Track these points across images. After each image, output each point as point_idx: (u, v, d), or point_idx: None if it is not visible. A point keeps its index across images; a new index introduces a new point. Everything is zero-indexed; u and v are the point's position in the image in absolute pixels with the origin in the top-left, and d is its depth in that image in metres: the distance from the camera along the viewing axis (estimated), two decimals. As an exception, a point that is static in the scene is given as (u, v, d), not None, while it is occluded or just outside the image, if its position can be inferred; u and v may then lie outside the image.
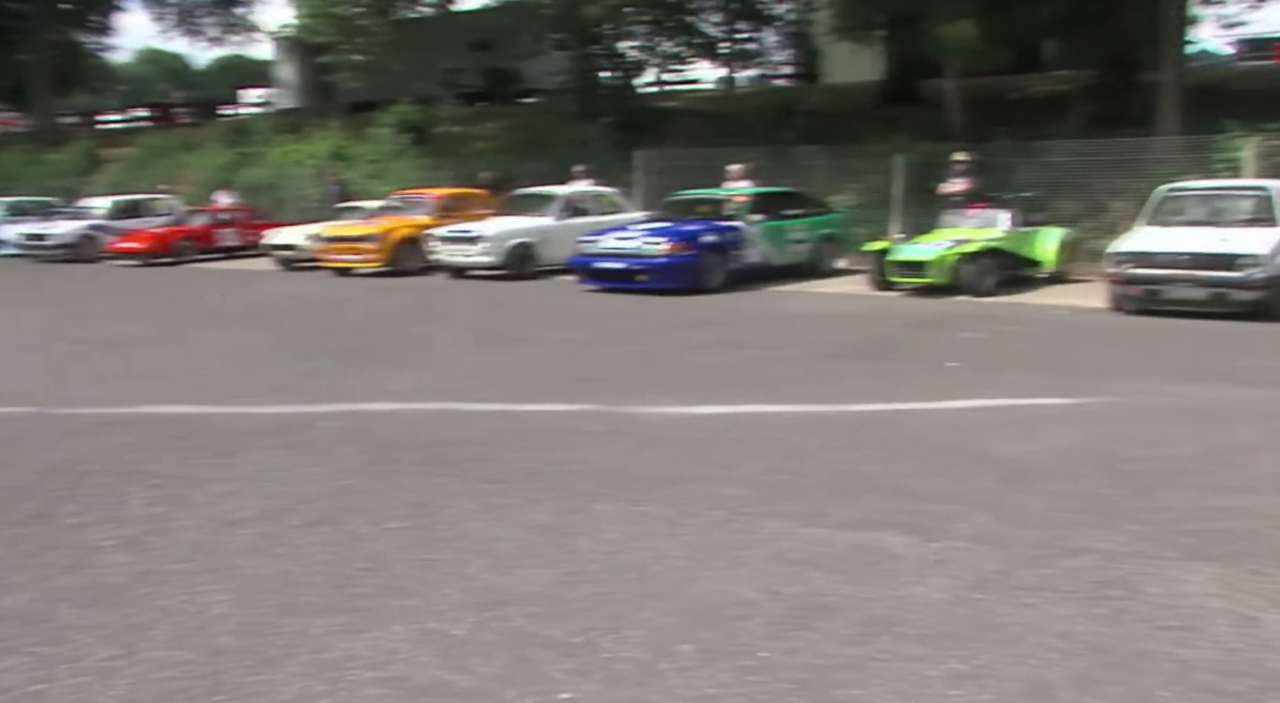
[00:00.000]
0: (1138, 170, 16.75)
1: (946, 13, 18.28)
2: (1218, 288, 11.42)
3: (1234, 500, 5.22)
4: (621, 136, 24.50)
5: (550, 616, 3.96)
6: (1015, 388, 7.95)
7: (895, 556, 4.51)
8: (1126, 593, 4.11)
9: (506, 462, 6.06)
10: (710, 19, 27.33)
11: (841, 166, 19.86)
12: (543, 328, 11.59)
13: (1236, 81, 25.17)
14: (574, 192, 18.77)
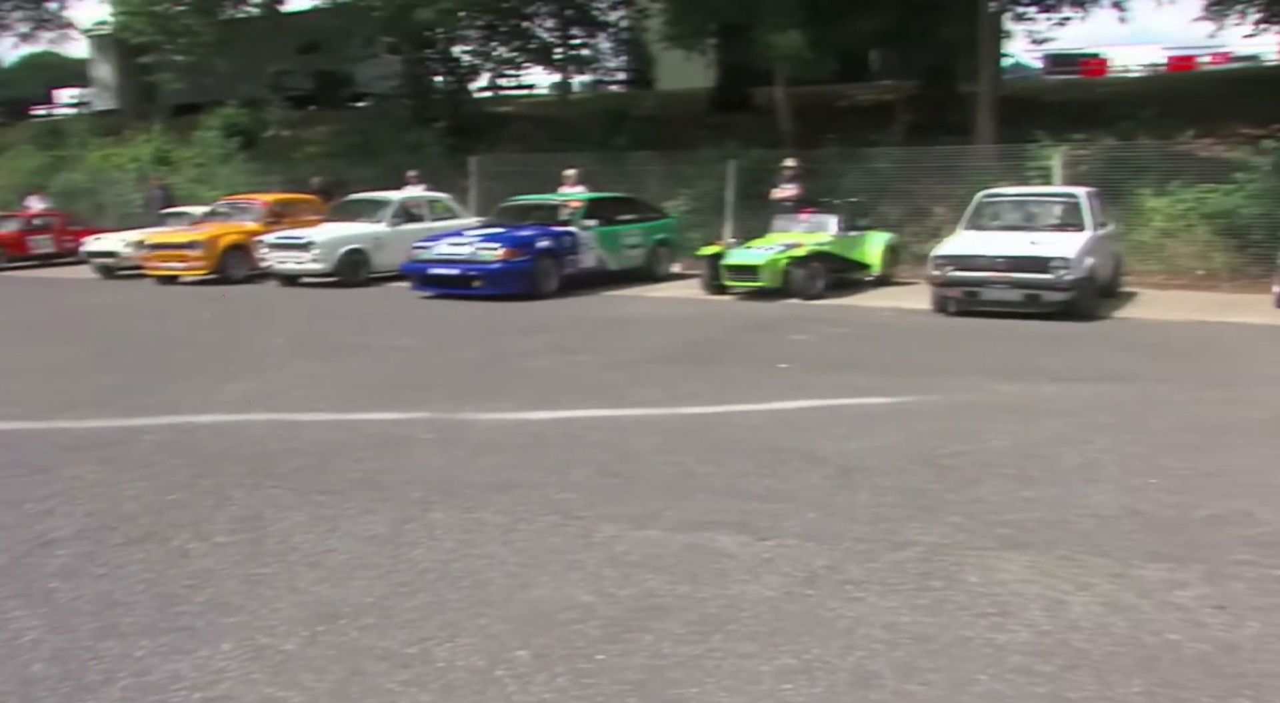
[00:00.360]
0: (957, 177, 17.43)
1: (775, 22, 18.72)
2: (1031, 289, 11.96)
3: (1045, 491, 5.48)
4: (456, 142, 24.33)
5: (384, 627, 3.91)
6: (843, 388, 8.19)
7: (728, 555, 4.60)
8: (947, 583, 4.28)
9: (339, 472, 5.96)
10: (544, 24, 27.35)
11: (675, 172, 20.13)
12: (375, 335, 11.41)
13: (1047, 94, 26.45)
14: (407, 197, 18.54)
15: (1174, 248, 16.00)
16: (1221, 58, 35.38)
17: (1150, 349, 10.28)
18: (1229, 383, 8.42)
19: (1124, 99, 22.50)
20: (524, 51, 27.37)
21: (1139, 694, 3.39)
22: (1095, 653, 3.65)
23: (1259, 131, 17.67)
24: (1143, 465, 5.96)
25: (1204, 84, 26.58)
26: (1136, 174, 16.71)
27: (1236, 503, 5.24)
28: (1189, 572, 4.36)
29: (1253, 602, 4.06)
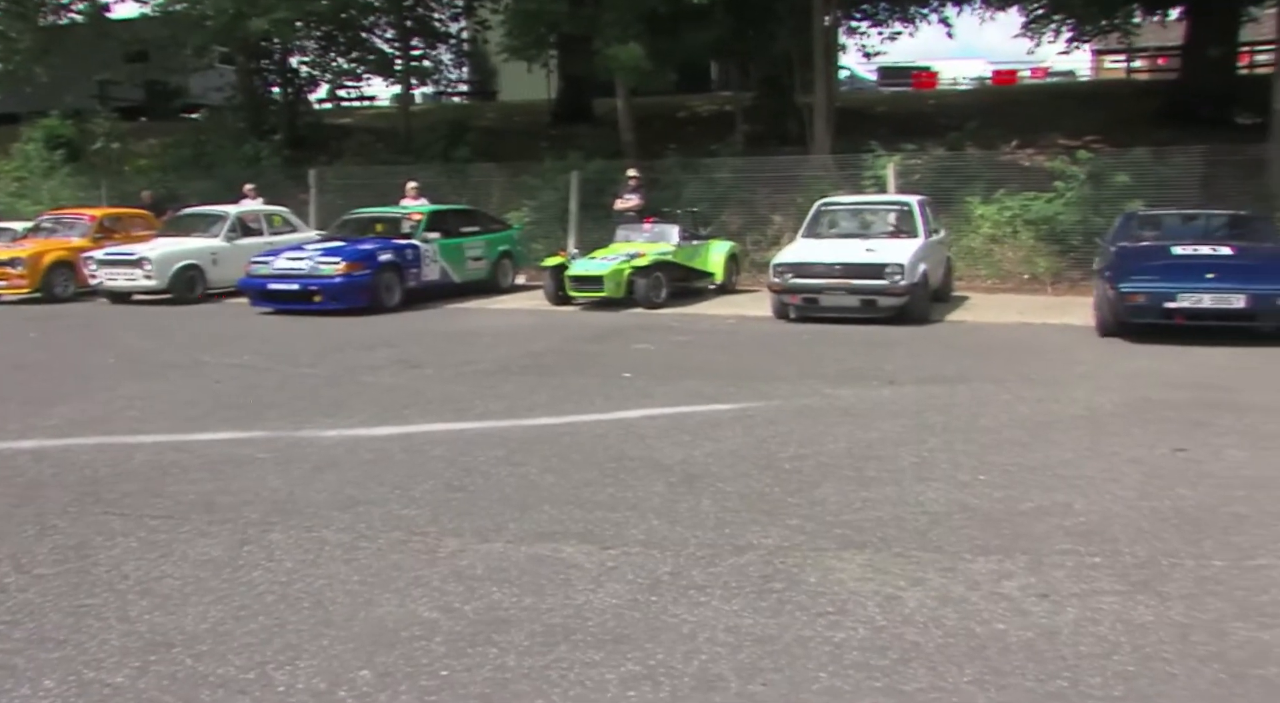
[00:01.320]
0: (795, 186, 17.88)
1: (615, 35, 18.89)
2: (867, 295, 12.32)
3: (881, 491, 5.65)
4: (294, 154, 23.90)
5: (221, 653, 3.81)
6: (686, 395, 8.30)
7: (572, 565, 4.61)
8: (787, 584, 4.37)
9: (173, 495, 5.77)
10: (384, 35, 27.02)
11: (517, 184, 20.15)
12: (213, 353, 11.08)
13: (880, 105, 27.30)
14: (244, 211, 18.06)
15: (1001, 253, 16.71)
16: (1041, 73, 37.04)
17: (979, 351, 10.69)
18: (1051, 382, 8.81)
19: (952, 111, 23.42)
20: (363, 62, 27.00)
21: (969, 683, 3.52)
22: (928, 645, 3.78)
23: (1075, 143, 18.64)
24: (972, 462, 6.20)
25: (1026, 97, 27.79)
26: (965, 183, 17.40)
27: (1057, 495, 5.50)
28: (1014, 563, 4.55)
29: (1071, 589, 4.26)
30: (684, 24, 19.48)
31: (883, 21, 26.07)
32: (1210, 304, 10.56)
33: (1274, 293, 10.53)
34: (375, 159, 22.53)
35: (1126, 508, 5.29)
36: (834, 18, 21.81)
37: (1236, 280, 10.68)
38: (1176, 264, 11.15)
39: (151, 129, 29.46)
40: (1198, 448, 6.49)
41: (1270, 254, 11.45)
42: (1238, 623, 3.94)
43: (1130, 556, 4.63)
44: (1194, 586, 4.29)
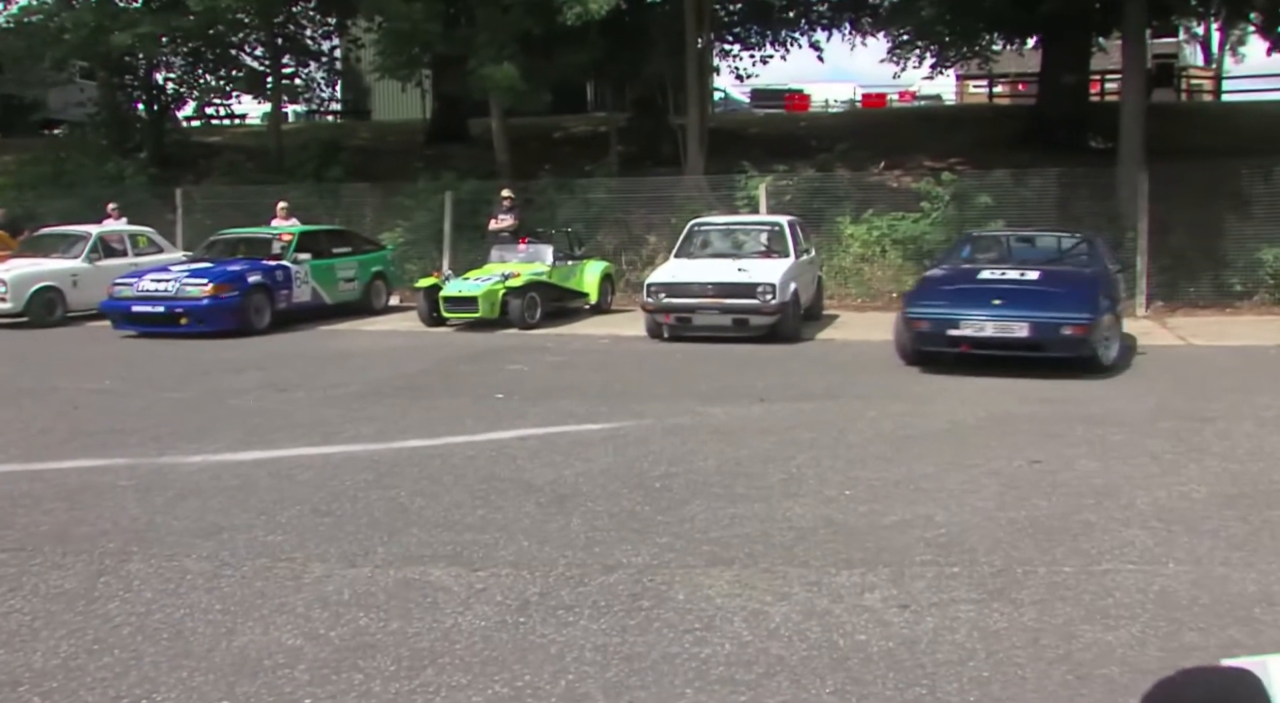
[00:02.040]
0: (670, 206, 18.06)
1: (489, 55, 18.84)
2: (739, 314, 12.47)
3: (750, 507, 5.74)
4: (160, 172, 23.27)
5: (72, 689, 3.69)
6: (558, 416, 8.31)
7: (441, 588, 4.58)
8: (656, 602, 4.42)
9: (24, 526, 5.56)
10: (254, 53, 26.50)
11: (391, 204, 19.95)
12: (71, 378, 10.71)
13: (753, 127, 27.72)
14: (107, 231, 17.51)
15: (870, 272, 17.10)
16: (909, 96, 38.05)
17: (848, 368, 10.92)
18: (916, 397, 9.06)
19: (824, 133, 23.88)
20: (233, 80, 26.41)
21: (831, 694, 3.60)
22: (792, 659, 3.86)
23: (940, 165, 19.18)
24: (839, 478, 6.34)
25: (894, 120, 28.51)
26: (835, 203, 17.80)
27: (920, 508, 5.66)
28: (877, 575, 4.67)
29: (931, 598, 4.39)
30: (559, 45, 19.53)
31: (755, 45, 26.51)
32: (993, 332, 10.00)
33: (1058, 321, 9.92)
34: (245, 178, 22.07)
35: (985, 519, 5.47)
36: (707, 40, 22.12)
37: (1024, 307, 10.09)
38: (969, 290, 10.71)
39: (7, 145, 28.36)
40: (1052, 459, 6.73)
41: (1076, 280, 10.91)
42: (1085, 626, 4.10)
43: (987, 565, 4.79)
44: (1045, 592, 4.46)
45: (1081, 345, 9.93)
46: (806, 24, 25.89)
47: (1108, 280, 11.13)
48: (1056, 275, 11.03)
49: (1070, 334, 9.80)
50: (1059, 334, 9.84)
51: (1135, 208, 15.80)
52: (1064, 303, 10.11)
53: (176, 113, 28.43)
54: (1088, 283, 10.78)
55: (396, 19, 19.31)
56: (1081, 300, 10.18)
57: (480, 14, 19.38)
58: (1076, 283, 10.77)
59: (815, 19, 25.78)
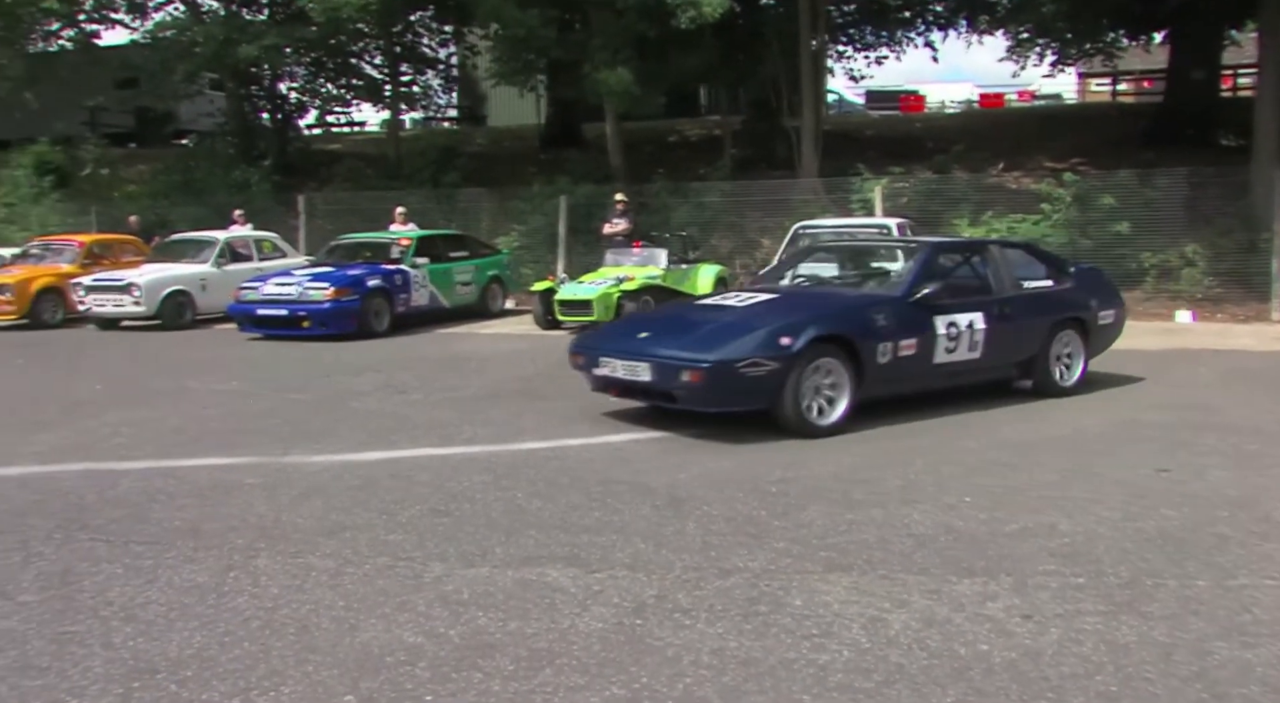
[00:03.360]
0: (784, 209, 17.96)
1: (604, 59, 18.98)
2: None
3: (867, 513, 5.67)
4: (283, 180, 23.95)
5: (205, 679, 3.80)
6: (673, 419, 8.28)
7: (557, 589, 4.61)
8: (772, 607, 4.38)
9: (158, 522, 5.76)
10: (373, 61, 27.11)
11: (507, 208, 20.20)
12: (201, 379, 11.07)
13: (868, 128, 27.45)
14: (233, 237, 18.09)
15: (988, 275, 16.73)
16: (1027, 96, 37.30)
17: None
18: (1036, 403, 8.84)
19: (940, 134, 23.56)
20: (353, 88, 27.09)
21: (952, 704, 3.54)
22: (912, 667, 3.79)
23: (1061, 165, 18.75)
24: (957, 484, 6.22)
25: (1013, 120, 27.97)
26: (952, 205, 17.51)
27: (1042, 517, 5.52)
28: (999, 584, 4.57)
29: (1055, 609, 4.28)
30: (673, 49, 19.60)
31: (870, 45, 26.27)
32: (624, 375, 7.92)
33: (679, 363, 7.49)
34: (364, 184, 22.59)
35: (1111, 529, 5.31)
36: (821, 42, 21.98)
37: (662, 343, 7.85)
38: (640, 317, 9.34)
39: (141, 155, 29.53)
40: (1180, 468, 6.52)
41: (807, 307, 8.30)
42: (1220, 643, 3.95)
43: (1114, 576, 4.65)
44: (1177, 606, 4.31)
45: (701, 396, 7.55)
46: (922, 23, 25.55)
47: (898, 310, 8.21)
48: (808, 301, 8.63)
49: (688, 381, 7.42)
50: (679, 380, 7.49)
51: (1271, 208, 15.21)
52: (711, 340, 7.64)
53: (299, 121, 29.25)
54: (825, 310, 8.15)
55: (512, 25, 19.55)
56: (736, 337, 7.60)
57: (595, 19, 19.54)
58: (800, 311, 8.03)
59: (931, 18, 25.41)
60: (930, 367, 8.34)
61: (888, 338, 7.96)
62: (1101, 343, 9.78)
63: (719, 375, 7.38)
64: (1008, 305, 8.85)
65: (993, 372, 8.93)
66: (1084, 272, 10.04)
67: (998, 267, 9.11)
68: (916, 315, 8.23)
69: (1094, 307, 9.55)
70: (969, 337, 8.49)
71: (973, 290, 8.92)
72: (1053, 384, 9.16)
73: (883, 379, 7.99)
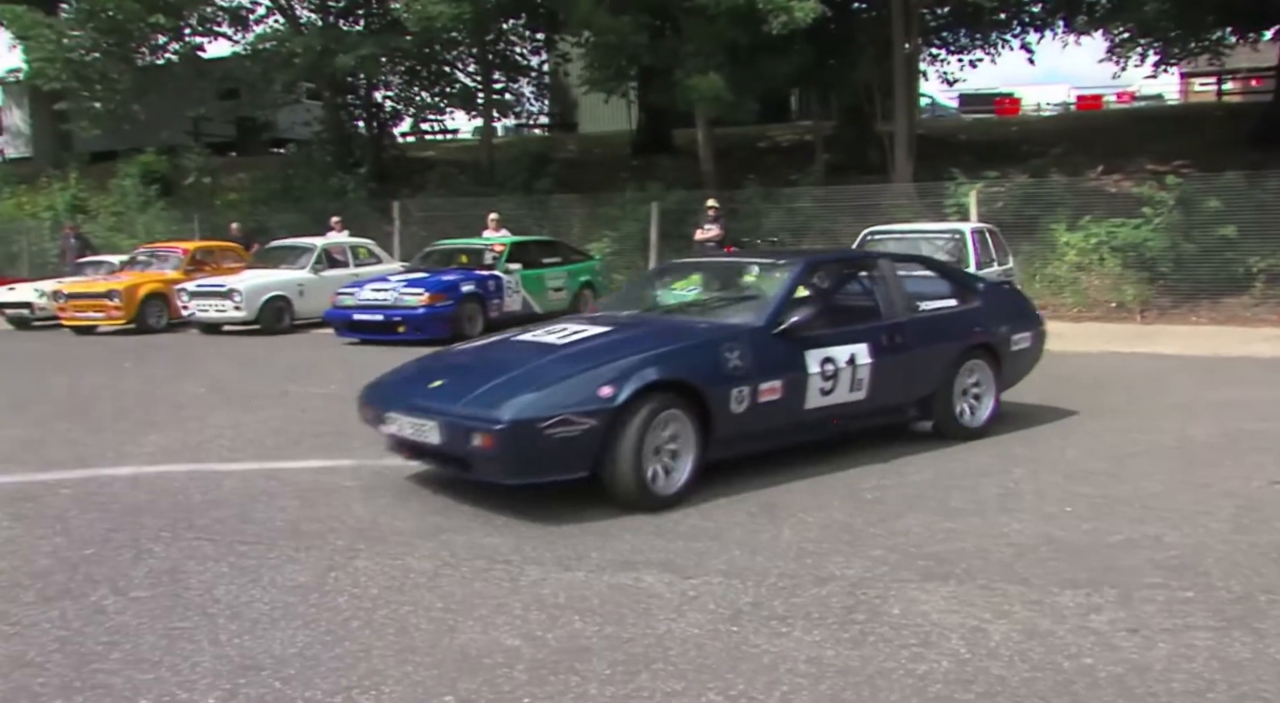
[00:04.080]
0: (876, 214, 17.76)
1: (695, 65, 18.99)
2: None
3: (965, 522, 5.59)
4: (379, 186, 24.35)
5: (307, 677, 3.87)
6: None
7: (653, 594, 4.62)
8: (870, 616, 4.34)
9: (261, 522, 5.89)
10: (467, 69, 27.46)
11: (598, 214, 20.30)
12: (299, 383, 11.30)
13: (962, 132, 27.08)
14: (330, 243, 18.44)
15: (1087, 281, 16.44)
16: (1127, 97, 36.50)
17: (1064, 380, 10.48)
18: (1140, 412, 8.65)
19: (1036, 137, 23.17)
20: (446, 96, 27.45)
21: (1056, 718, 3.47)
22: (1013, 679, 3.73)
23: (1163, 167, 18.29)
24: (1058, 493, 6.11)
25: (1112, 122, 27.39)
26: (1049, 209, 17.19)
27: (1148, 527, 5.39)
28: (1103, 596, 4.47)
29: (1163, 623, 4.17)
30: (764, 54, 19.53)
31: (964, 48, 25.92)
32: (411, 434, 6.22)
33: (469, 424, 5.80)
34: (458, 191, 22.86)
35: (1220, 542, 5.17)
36: (914, 46, 21.73)
37: (460, 395, 6.07)
38: (442, 360, 7.26)
39: (241, 164, 30.26)
40: (1295, 480, 6.33)
41: (643, 343, 6.44)
42: (1339, 661, 3.82)
43: (1225, 590, 4.52)
44: (1293, 622, 4.18)
45: (498, 465, 5.83)
46: (1018, 25, 25.12)
47: (754, 343, 6.54)
48: (646, 336, 6.67)
49: (480, 447, 5.74)
50: (470, 445, 5.79)
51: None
52: (511, 391, 5.87)
53: (394, 129, 29.75)
54: (663, 348, 6.30)
55: (604, 33, 19.65)
56: (544, 386, 5.88)
57: (686, 25, 19.55)
58: (632, 349, 6.26)
59: (1027, 20, 24.97)
60: (800, 414, 6.72)
61: (744, 381, 6.31)
62: (1016, 372, 8.34)
63: (518, 439, 5.60)
64: (900, 333, 7.30)
65: (884, 415, 7.41)
66: (994, 289, 8.83)
67: (888, 285, 7.57)
68: (782, 350, 6.60)
69: (1006, 330, 8.10)
70: (850, 374, 6.89)
71: (856, 315, 7.42)
72: (956, 425, 7.70)
73: (739, 433, 6.37)
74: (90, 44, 23.92)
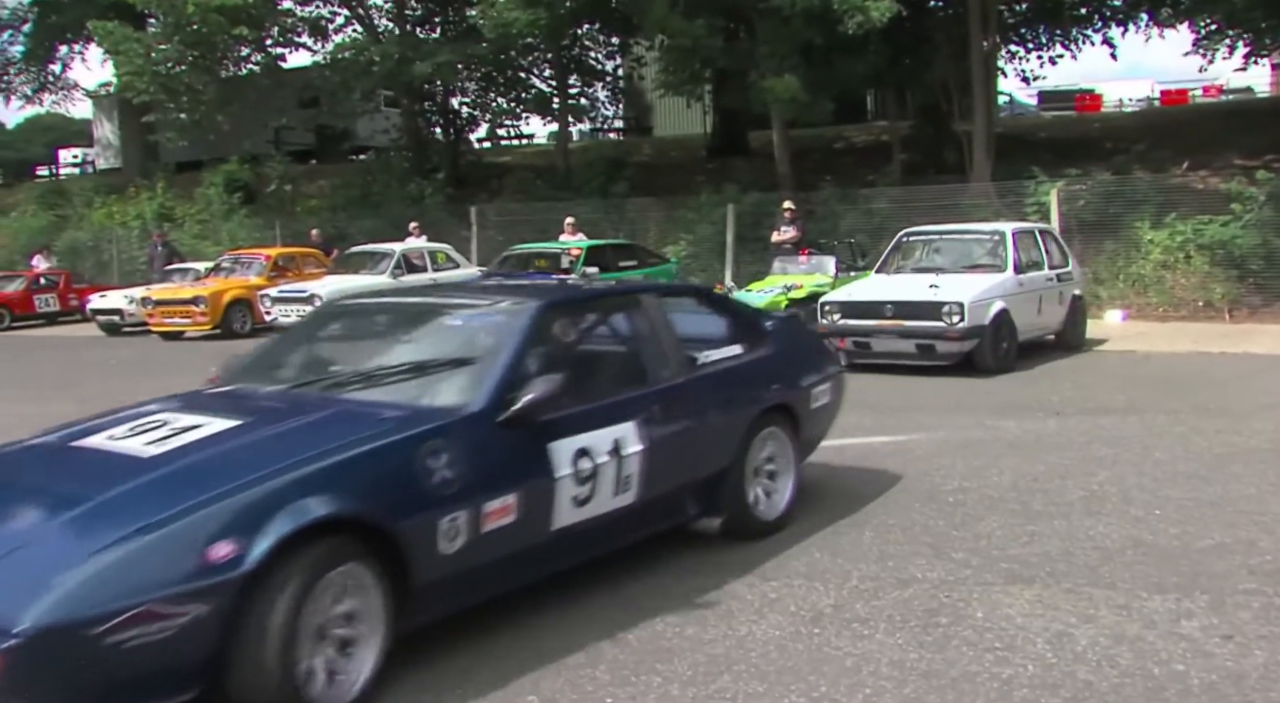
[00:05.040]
0: (955, 214, 17.51)
1: (770, 67, 18.94)
2: (923, 338, 10.83)
3: (1049, 525, 5.51)
4: (456, 192, 24.57)
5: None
6: (843, 427, 8.12)
7: (734, 596, 4.63)
8: (953, 619, 4.30)
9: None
10: (542, 74, 27.64)
11: (674, 217, 20.29)
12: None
13: (1042, 130, 26.66)
14: (408, 248, 18.66)
15: (1173, 279, 16.07)
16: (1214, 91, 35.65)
17: (1151, 381, 10.30)
18: (1231, 413, 8.43)
19: (1119, 134, 22.72)
20: (522, 102, 27.64)
21: (1146, 725, 3.41)
22: (1102, 685, 3.67)
23: (1253, 163, 17.84)
24: (1145, 497, 6.00)
25: (1198, 117, 26.78)
26: (1133, 207, 16.83)
27: (1240, 532, 5.27)
28: (1194, 602, 4.38)
29: (1259, 630, 4.08)
30: (840, 54, 19.40)
31: (1043, 45, 25.48)
32: None
33: None
34: (534, 196, 23.01)
35: (1318, 547, 5.04)
36: (992, 43, 21.44)
37: None
38: None
39: (321, 171, 30.76)
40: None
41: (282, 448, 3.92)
42: None
43: (1323, 596, 4.41)
44: (1396, 630, 4.06)
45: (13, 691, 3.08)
46: (1100, 20, 24.63)
47: None
48: (293, 437, 4.07)
49: None
50: None
51: None
52: (35, 562, 3.32)
53: (470, 135, 30.02)
54: (320, 461, 3.78)
55: (679, 36, 19.65)
56: (103, 548, 3.31)
57: (760, 27, 19.49)
58: (270, 465, 3.71)
59: (1109, 14, 24.48)
60: (548, 537, 4.40)
61: (457, 504, 3.97)
62: (814, 436, 6.20)
63: (51, 658, 3.12)
64: (678, 400, 5.11)
65: (658, 520, 5.12)
66: (785, 327, 6.73)
67: (658, 333, 5.29)
68: (514, 447, 4.27)
69: (806, 383, 6.02)
70: (616, 469, 4.64)
71: (618, 381, 5.19)
72: (751, 518, 5.49)
73: (454, 583, 4.05)
74: (176, 57, 24.44)
